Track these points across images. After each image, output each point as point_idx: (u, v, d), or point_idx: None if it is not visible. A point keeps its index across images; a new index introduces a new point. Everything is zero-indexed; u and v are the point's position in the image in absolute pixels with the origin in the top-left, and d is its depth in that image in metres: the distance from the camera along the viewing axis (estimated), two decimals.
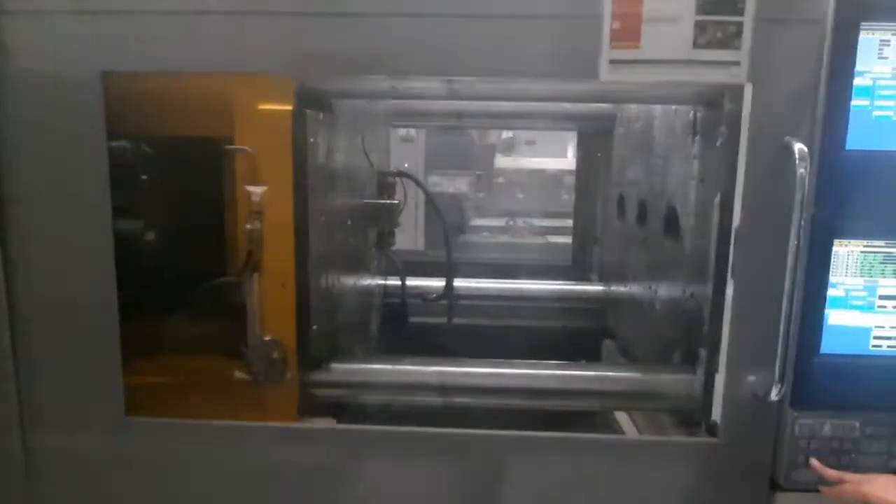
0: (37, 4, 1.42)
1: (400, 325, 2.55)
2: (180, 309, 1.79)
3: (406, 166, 2.58)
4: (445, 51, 1.38)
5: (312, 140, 1.66)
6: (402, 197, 2.35)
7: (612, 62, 1.29)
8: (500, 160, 6.79)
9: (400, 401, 1.84)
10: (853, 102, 1.33)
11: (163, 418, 1.59)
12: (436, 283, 2.60)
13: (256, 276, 1.62)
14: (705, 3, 1.29)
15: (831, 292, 1.41)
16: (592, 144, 3.06)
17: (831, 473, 1.40)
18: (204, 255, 1.78)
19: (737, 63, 1.29)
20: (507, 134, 7.99)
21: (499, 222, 5.54)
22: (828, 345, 1.42)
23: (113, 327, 1.51)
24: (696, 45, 1.28)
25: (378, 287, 2.64)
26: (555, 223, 5.65)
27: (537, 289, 2.84)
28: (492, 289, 2.74)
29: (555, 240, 5.27)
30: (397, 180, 2.36)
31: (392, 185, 2.33)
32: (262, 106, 1.62)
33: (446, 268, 2.48)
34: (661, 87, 1.71)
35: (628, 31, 1.30)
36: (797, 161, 1.28)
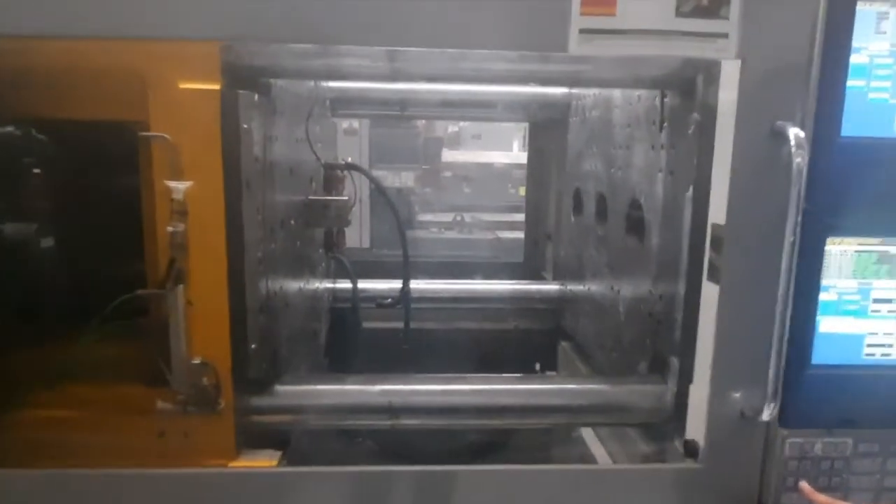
0: None
1: (353, 333, 2.32)
2: (85, 330, 1.47)
3: (349, 160, 2.33)
4: (389, 16, 1.15)
5: (246, 126, 1.40)
6: (353, 192, 2.11)
7: (583, 32, 1.10)
8: (446, 154, 6.61)
9: (354, 425, 1.61)
10: (848, 83, 1.18)
11: (43, 469, 1.30)
12: (385, 285, 2.41)
13: (181, 287, 1.36)
14: None
15: (823, 296, 1.26)
16: (544, 135, 2.91)
17: (823, 500, 1.25)
18: (115, 265, 1.51)
19: (724, 35, 1.12)
20: (452, 127, 7.85)
21: (446, 217, 5.36)
22: (819, 355, 1.28)
23: None
24: (679, 13, 1.10)
25: (326, 292, 2.41)
26: (503, 218, 5.51)
27: (490, 289, 2.67)
28: (443, 290, 2.55)
29: (504, 235, 5.13)
30: (347, 174, 2.12)
31: (341, 180, 2.09)
32: (184, 84, 1.35)
33: (402, 270, 2.27)
34: (625, 69, 1.55)
35: None
36: (793, 149, 1.12)
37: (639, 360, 1.79)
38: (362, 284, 2.46)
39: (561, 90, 2.51)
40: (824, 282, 1.26)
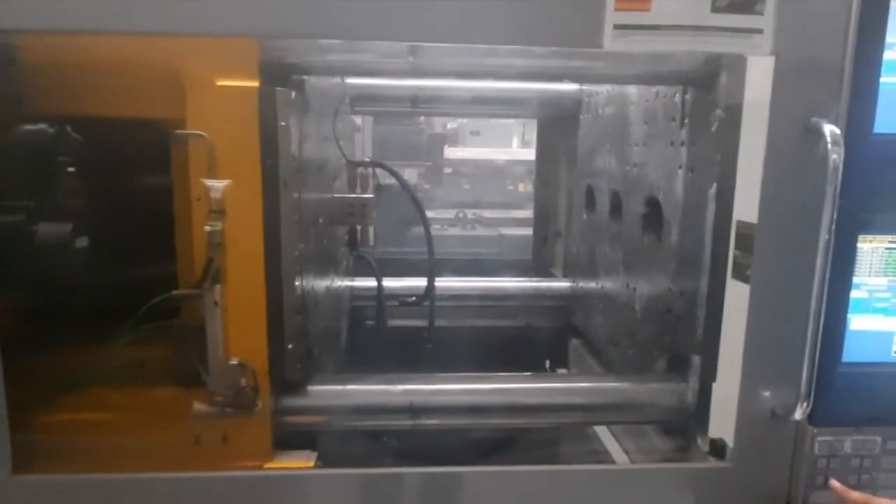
0: None
1: (378, 332, 2.30)
2: (120, 331, 1.44)
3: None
4: (422, 13, 1.13)
5: (284, 124, 1.38)
6: (377, 190, 2.08)
7: (618, 27, 1.09)
8: (449, 151, 6.59)
9: (387, 425, 1.60)
10: (882, 79, 1.17)
11: (66, 475, 1.28)
12: (396, 283, 2.40)
13: (218, 287, 1.34)
14: None
15: (854, 294, 1.25)
16: (553, 132, 2.90)
17: (856, 497, 1.25)
18: (149, 265, 1.49)
19: (759, 31, 1.11)
20: (451, 124, 7.83)
21: (448, 214, 5.34)
22: (849, 353, 1.28)
23: None
24: (714, 8, 1.09)
25: (347, 290, 2.40)
26: (507, 214, 5.49)
27: (500, 286, 2.66)
28: (453, 288, 2.53)
29: (508, 232, 5.12)
30: (371, 172, 2.09)
31: (365, 177, 2.06)
32: (222, 82, 1.32)
33: (428, 269, 2.27)
34: (648, 65, 1.54)
35: None
36: (829, 146, 1.11)
37: (656, 357, 1.79)
38: (371, 283, 2.46)
39: (572, 87, 2.50)
40: (855, 279, 1.26)
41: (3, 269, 1.26)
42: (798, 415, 1.20)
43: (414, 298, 2.29)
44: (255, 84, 1.31)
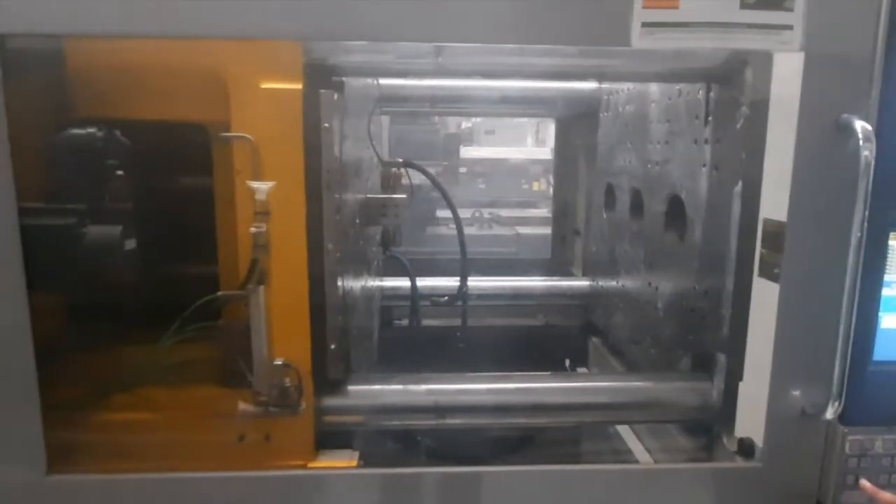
0: None
1: (411, 332, 2.31)
2: (166, 331, 1.44)
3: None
4: (454, 13, 1.13)
5: (327, 126, 1.38)
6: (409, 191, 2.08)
7: (646, 25, 1.08)
8: (465, 150, 6.58)
9: (425, 425, 1.60)
10: None
11: (103, 474, 1.29)
12: (419, 283, 2.39)
13: (262, 288, 1.34)
14: None
15: (885, 292, 1.24)
16: (572, 130, 2.89)
17: (887, 497, 1.23)
18: (191, 266, 1.51)
19: (790, 27, 1.10)
20: (466, 123, 7.82)
21: (464, 214, 5.32)
22: (880, 352, 1.26)
23: (24, 356, 1.20)
24: (743, 4, 1.08)
25: (377, 290, 2.41)
26: (523, 214, 5.48)
27: (520, 285, 2.67)
28: (476, 287, 2.53)
29: (524, 231, 5.10)
30: (403, 172, 2.09)
31: (398, 178, 2.06)
32: (266, 84, 1.33)
33: (461, 269, 2.28)
34: (672, 62, 1.53)
35: None
36: (860, 142, 1.10)
37: (680, 356, 1.78)
38: (394, 283, 2.47)
39: (590, 85, 2.49)
40: (886, 277, 1.24)
41: (49, 271, 1.28)
42: (829, 414, 1.19)
43: (446, 298, 2.29)
44: (299, 86, 1.32)
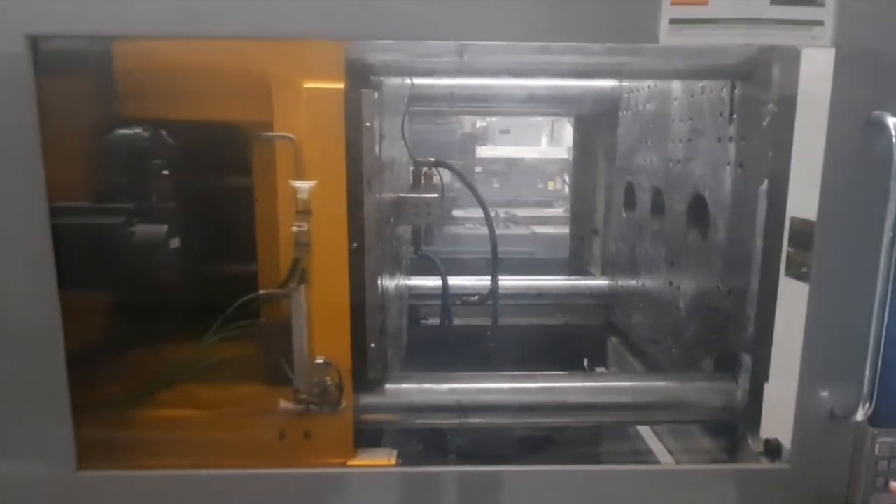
0: None
1: (443, 331, 2.32)
2: (208, 329, 1.45)
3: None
4: (483, 11, 1.13)
5: (369, 125, 1.39)
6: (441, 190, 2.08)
7: (674, 22, 1.07)
8: (481, 150, 6.57)
9: (463, 424, 1.60)
10: None
11: (138, 471, 1.29)
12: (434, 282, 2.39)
13: (303, 287, 1.35)
14: None
15: None
16: (591, 129, 2.87)
17: None
18: (231, 265, 1.51)
19: (820, 22, 1.09)
20: (481, 122, 7.80)
21: (480, 213, 5.31)
22: None
23: (56, 356, 1.21)
24: (773, 0, 1.07)
25: (406, 289, 2.42)
26: (539, 213, 5.46)
27: (539, 285, 2.66)
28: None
29: (541, 230, 5.08)
30: (435, 171, 2.09)
31: (430, 177, 2.06)
32: (309, 84, 1.34)
33: (492, 268, 2.30)
34: (696, 59, 1.52)
35: None
36: (893, 139, 1.08)
37: (702, 356, 1.76)
38: (419, 281, 2.48)
39: (610, 84, 2.48)
40: None
41: (98, 269, 1.30)
42: (860, 416, 1.18)
43: (476, 297, 2.31)
44: (342, 86, 1.32)
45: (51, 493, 1.28)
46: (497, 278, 2.28)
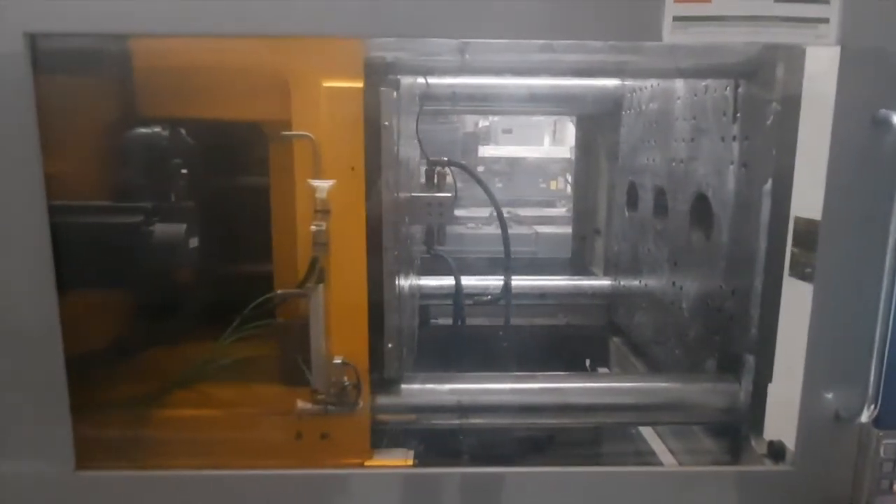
0: None
1: (455, 331, 2.33)
2: (225, 329, 1.44)
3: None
4: (487, 10, 1.12)
5: (387, 124, 1.38)
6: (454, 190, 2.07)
7: (678, 19, 1.07)
8: (483, 149, 6.57)
9: (478, 424, 1.60)
10: None
11: (138, 471, 1.28)
12: (441, 282, 2.41)
13: (321, 286, 1.34)
14: None
15: None
16: (594, 129, 2.87)
17: None
18: (247, 264, 1.51)
19: (825, 20, 1.08)
20: (483, 122, 7.79)
21: (483, 213, 5.31)
22: None
23: (54, 354, 1.20)
24: None
25: (418, 289, 2.42)
26: (541, 213, 5.45)
27: (541, 285, 2.64)
28: (495, 286, 2.51)
29: (543, 230, 5.08)
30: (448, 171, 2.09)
31: (443, 176, 2.06)
32: (328, 82, 1.33)
33: (504, 268, 2.30)
34: (700, 58, 1.51)
35: None
36: None
37: (705, 357, 1.75)
38: (429, 281, 2.46)
39: (612, 83, 2.47)
40: None
41: (118, 268, 1.30)
42: (865, 417, 1.17)
43: (489, 297, 2.32)
44: (360, 84, 1.32)
45: (50, 493, 1.27)
46: (510, 277, 2.28)
